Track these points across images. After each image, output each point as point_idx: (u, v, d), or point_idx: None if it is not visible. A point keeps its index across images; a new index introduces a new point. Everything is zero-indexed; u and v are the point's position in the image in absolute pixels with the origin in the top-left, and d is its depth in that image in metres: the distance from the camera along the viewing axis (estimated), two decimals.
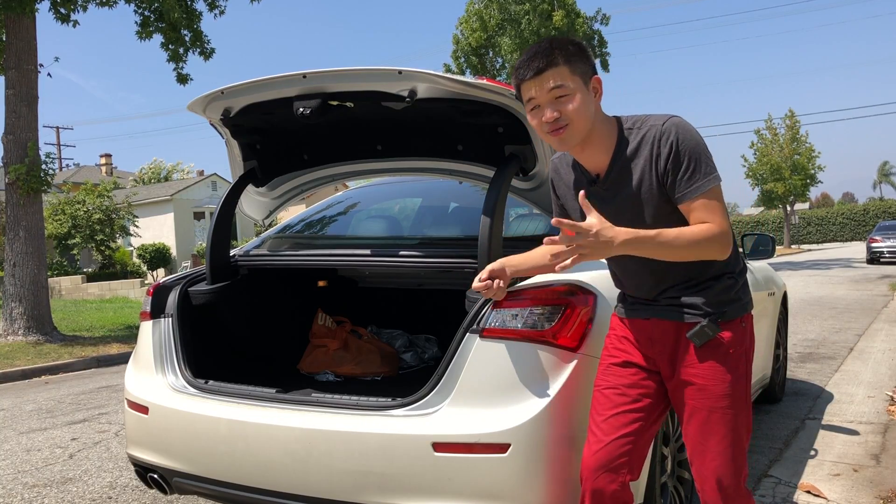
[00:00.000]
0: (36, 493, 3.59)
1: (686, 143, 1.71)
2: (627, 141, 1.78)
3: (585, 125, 1.75)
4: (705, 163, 1.71)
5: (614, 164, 1.79)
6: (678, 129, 1.73)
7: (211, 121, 2.73)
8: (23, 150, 9.60)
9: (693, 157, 1.71)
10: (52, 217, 23.77)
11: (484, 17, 26.14)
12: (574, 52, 1.74)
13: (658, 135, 1.73)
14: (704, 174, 1.70)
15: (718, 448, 1.81)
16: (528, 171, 2.55)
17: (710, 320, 1.79)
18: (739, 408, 1.82)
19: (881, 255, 23.36)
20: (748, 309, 1.88)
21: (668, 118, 1.76)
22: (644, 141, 1.76)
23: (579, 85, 1.73)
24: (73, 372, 8.14)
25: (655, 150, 1.73)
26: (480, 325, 2.09)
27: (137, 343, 2.77)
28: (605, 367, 1.97)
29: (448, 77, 2.21)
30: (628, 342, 1.95)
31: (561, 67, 1.72)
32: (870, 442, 3.87)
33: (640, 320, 1.92)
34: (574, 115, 1.72)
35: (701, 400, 1.81)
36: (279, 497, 2.21)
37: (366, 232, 3.36)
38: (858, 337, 7.79)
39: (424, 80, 2.21)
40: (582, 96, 1.73)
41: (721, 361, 1.81)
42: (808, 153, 40.36)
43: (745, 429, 1.84)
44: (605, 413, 1.89)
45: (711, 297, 1.81)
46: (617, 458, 1.84)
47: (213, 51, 11.32)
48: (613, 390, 1.91)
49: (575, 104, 1.72)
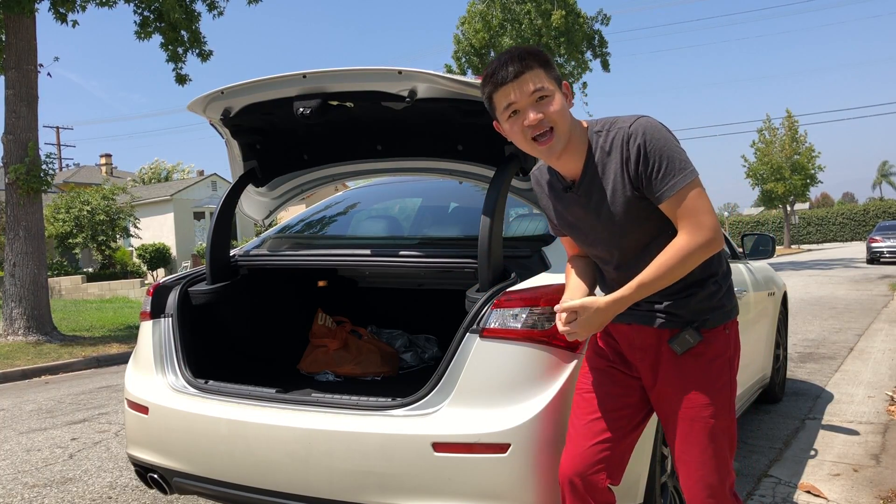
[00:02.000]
0: (36, 493, 3.59)
1: (654, 143, 1.68)
2: (597, 145, 1.75)
3: (567, 128, 1.70)
4: (678, 159, 1.67)
5: (587, 169, 1.76)
6: (645, 129, 1.69)
7: (211, 121, 2.73)
8: (23, 150, 9.60)
9: (664, 155, 1.67)
10: (54, 216, 23.77)
11: (487, 18, 26.12)
12: (545, 58, 1.71)
13: (626, 137, 1.70)
14: (679, 170, 1.66)
15: (702, 457, 1.78)
16: (528, 171, 2.55)
17: (691, 328, 1.76)
18: (722, 417, 1.78)
19: (881, 255, 23.37)
20: (732, 316, 1.84)
21: (636, 119, 1.72)
22: (613, 144, 1.72)
23: (556, 89, 1.70)
24: (73, 372, 8.14)
25: (624, 152, 1.70)
26: (480, 325, 2.09)
27: (137, 343, 2.77)
28: (585, 371, 1.95)
29: (448, 77, 2.21)
30: (610, 347, 1.93)
31: (538, 70, 1.67)
32: (870, 442, 3.87)
33: (621, 325, 1.88)
34: (557, 118, 1.68)
35: (683, 409, 1.79)
36: (279, 497, 2.21)
37: (366, 232, 3.36)
38: (858, 337, 7.80)
39: (424, 80, 2.21)
40: (561, 99, 1.69)
41: (703, 370, 1.78)
42: (807, 153, 40.37)
43: (729, 437, 1.81)
44: (584, 418, 1.88)
45: (694, 305, 1.78)
46: (593, 463, 1.83)
47: (211, 52, 11.32)
48: (592, 395, 1.89)
49: (556, 106, 1.68)
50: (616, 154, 1.72)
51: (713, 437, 1.77)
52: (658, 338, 1.82)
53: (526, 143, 1.72)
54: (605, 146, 1.74)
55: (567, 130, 1.70)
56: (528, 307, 2.07)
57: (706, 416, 1.77)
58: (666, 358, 1.81)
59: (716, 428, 1.77)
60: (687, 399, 1.78)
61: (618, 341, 1.91)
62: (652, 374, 1.85)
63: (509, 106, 1.69)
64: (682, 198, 1.67)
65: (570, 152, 1.75)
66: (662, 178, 1.67)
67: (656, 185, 1.68)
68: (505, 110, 1.71)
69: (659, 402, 1.85)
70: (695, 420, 1.78)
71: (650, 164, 1.67)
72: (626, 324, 1.87)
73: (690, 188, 1.67)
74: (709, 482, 1.78)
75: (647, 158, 1.68)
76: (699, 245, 1.67)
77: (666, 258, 1.68)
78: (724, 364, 1.81)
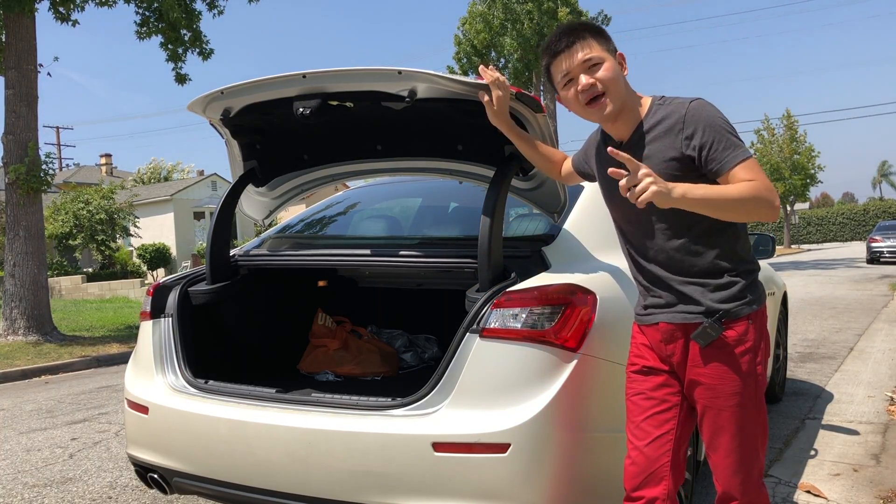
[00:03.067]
0: (36, 493, 3.59)
1: (714, 120, 1.75)
2: (654, 112, 1.84)
3: (620, 93, 1.81)
4: (736, 136, 1.77)
5: (638, 130, 1.85)
6: (707, 106, 1.79)
7: (211, 121, 2.73)
8: (23, 149, 9.60)
9: (726, 130, 1.75)
10: (54, 216, 23.77)
11: (488, 18, 26.11)
12: (599, 29, 1.85)
13: (685, 111, 1.78)
14: (738, 145, 1.74)
15: (731, 445, 1.83)
16: (528, 170, 2.55)
17: (712, 320, 1.80)
18: (749, 406, 1.82)
19: (881, 254, 23.37)
20: (755, 307, 1.85)
21: (696, 98, 1.82)
22: (669, 115, 1.81)
23: (609, 57, 1.82)
24: (73, 372, 8.14)
25: (680, 125, 1.77)
26: (480, 325, 2.09)
27: (137, 343, 2.77)
28: (629, 376, 1.99)
29: (448, 77, 2.22)
30: (646, 348, 1.97)
31: (590, 40, 1.81)
32: (870, 442, 3.87)
33: (651, 326, 1.93)
34: (609, 83, 1.80)
35: (710, 399, 1.84)
36: (279, 497, 2.21)
37: (366, 232, 3.36)
38: (858, 337, 7.80)
39: (424, 80, 2.21)
40: (613, 66, 1.82)
41: (727, 361, 1.81)
42: (807, 153, 40.39)
43: (758, 426, 1.85)
44: (637, 419, 1.92)
45: (716, 298, 1.81)
46: (657, 458, 1.87)
47: (212, 51, 11.33)
48: (640, 395, 1.93)
49: (608, 72, 1.80)
50: (669, 123, 1.79)
51: (741, 425, 1.82)
52: (684, 332, 1.86)
53: (580, 107, 1.85)
54: (662, 115, 1.82)
55: (621, 95, 1.82)
56: (528, 307, 2.08)
57: (733, 404, 1.82)
58: (694, 351, 1.85)
59: (744, 417, 1.82)
60: (715, 389, 1.82)
61: (651, 341, 1.95)
62: (682, 368, 1.89)
63: (565, 75, 1.84)
64: (748, 167, 1.71)
65: (624, 118, 1.85)
66: (724, 149, 1.73)
67: (717, 155, 1.73)
68: (562, 79, 1.85)
69: (689, 392, 1.89)
70: (723, 409, 1.82)
71: (714, 137, 1.74)
72: (655, 324, 1.91)
73: (751, 161, 1.74)
74: (738, 470, 1.84)
75: (709, 132, 1.74)
76: (768, 200, 1.69)
77: (741, 187, 1.68)
78: (747, 354, 1.83)
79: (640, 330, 1.99)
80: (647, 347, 1.96)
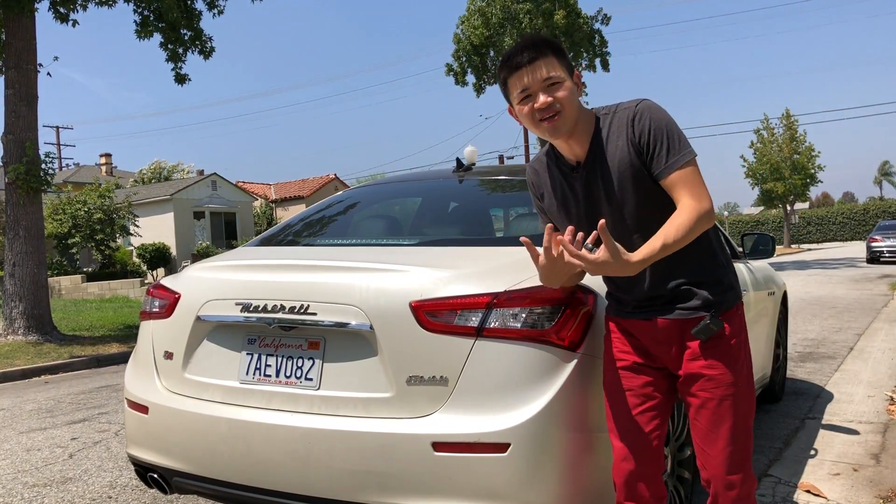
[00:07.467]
0: (36, 492, 3.59)
1: (659, 122, 1.79)
2: (604, 125, 1.86)
3: (574, 113, 1.82)
4: (678, 139, 1.79)
5: (593, 146, 1.86)
6: (650, 109, 1.81)
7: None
8: (22, 149, 9.60)
9: (668, 133, 1.78)
10: (52, 216, 23.75)
11: (487, 14, 26.10)
12: (558, 47, 1.84)
13: (631, 115, 1.81)
14: (680, 149, 1.77)
15: (733, 432, 1.86)
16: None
17: (711, 315, 1.83)
18: (745, 393, 1.88)
19: (881, 254, 23.39)
20: (741, 296, 1.95)
21: (640, 101, 1.84)
22: (619, 123, 1.83)
23: (567, 76, 1.82)
24: (73, 371, 8.15)
25: (629, 130, 1.81)
26: (480, 325, 2.09)
27: (137, 343, 2.77)
28: (612, 371, 1.98)
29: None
30: (630, 343, 1.97)
31: (551, 58, 1.80)
32: (870, 441, 3.87)
33: (640, 321, 1.93)
34: (565, 102, 1.80)
35: (711, 390, 1.86)
36: (279, 497, 2.21)
37: (366, 232, 3.36)
38: (858, 336, 7.80)
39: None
40: (570, 86, 1.82)
41: (725, 352, 1.86)
42: (807, 153, 40.40)
43: (751, 411, 1.91)
44: (625, 416, 1.93)
45: (710, 291, 1.87)
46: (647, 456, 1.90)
47: (213, 49, 11.33)
48: (628, 392, 1.94)
49: (566, 92, 1.80)
50: (622, 131, 1.82)
51: (739, 412, 1.87)
52: (681, 328, 1.88)
53: (534, 124, 1.84)
54: (611, 126, 1.84)
55: (574, 115, 1.82)
56: (528, 307, 2.07)
57: (732, 393, 1.86)
58: (690, 345, 1.87)
59: (741, 403, 1.87)
60: (715, 380, 1.85)
61: (639, 338, 1.95)
62: (677, 363, 1.91)
63: (524, 91, 1.82)
64: (686, 173, 1.76)
65: (578, 135, 1.86)
66: (666, 154, 1.77)
67: (659, 160, 1.78)
68: (519, 94, 1.83)
69: (685, 386, 1.91)
70: (724, 398, 1.86)
71: (655, 141, 1.78)
72: (646, 319, 1.92)
73: (692, 165, 1.78)
74: (738, 454, 1.87)
75: (651, 135, 1.78)
76: (705, 211, 1.75)
77: (681, 220, 1.73)
78: (740, 343, 1.91)
79: (621, 324, 1.99)
80: (630, 343, 1.97)
